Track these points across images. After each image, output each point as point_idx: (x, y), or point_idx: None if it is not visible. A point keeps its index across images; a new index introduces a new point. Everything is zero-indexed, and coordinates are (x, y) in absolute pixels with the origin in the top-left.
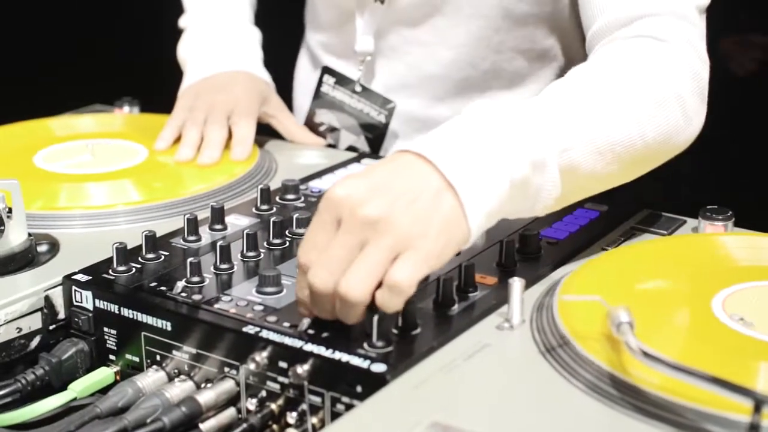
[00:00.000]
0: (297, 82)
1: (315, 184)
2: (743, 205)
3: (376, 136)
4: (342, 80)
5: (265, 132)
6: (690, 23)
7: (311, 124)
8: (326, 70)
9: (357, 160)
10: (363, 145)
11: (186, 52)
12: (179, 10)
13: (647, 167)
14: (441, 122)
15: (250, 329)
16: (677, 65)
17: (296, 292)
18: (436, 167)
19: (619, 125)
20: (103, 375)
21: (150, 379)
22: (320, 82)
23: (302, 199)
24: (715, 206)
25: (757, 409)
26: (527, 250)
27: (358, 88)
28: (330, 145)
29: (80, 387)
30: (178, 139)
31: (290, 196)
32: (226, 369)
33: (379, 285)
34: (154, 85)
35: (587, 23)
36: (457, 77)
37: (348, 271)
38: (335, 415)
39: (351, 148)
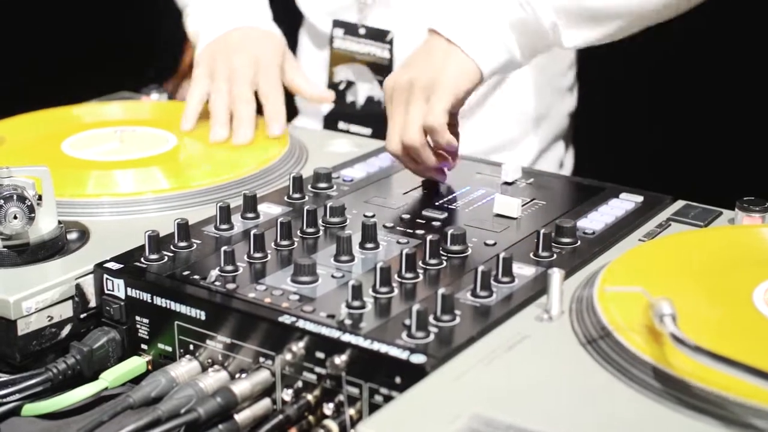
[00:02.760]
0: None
1: (347, 173)
2: None
3: (385, 77)
4: (349, 28)
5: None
6: None
7: (332, 87)
8: (336, 23)
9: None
10: (378, 92)
11: (194, 24)
12: None
13: None
14: None
15: (286, 319)
16: None
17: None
18: (438, 32)
19: None
20: (135, 364)
21: (183, 369)
22: (332, 38)
23: (334, 187)
24: (752, 197)
25: None
26: (564, 240)
27: (362, 31)
28: (344, 103)
29: (112, 376)
30: (204, 116)
31: (322, 185)
32: (261, 359)
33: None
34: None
35: None
36: None
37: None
38: (373, 407)
39: (369, 100)
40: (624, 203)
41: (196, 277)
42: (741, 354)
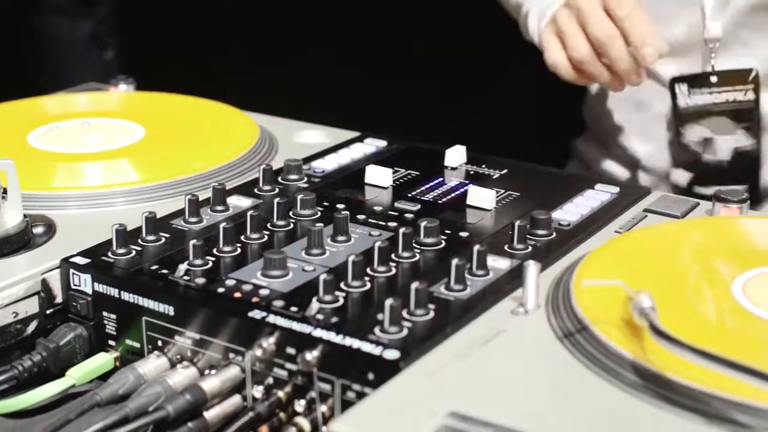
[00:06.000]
0: (599, 90)
1: (318, 165)
2: None
3: (753, 121)
4: (694, 80)
5: (264, 110)
6: None
7: (683, 147)
8: (676, 79)
9: (360, 139)
10: (745, 141)
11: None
12: None
13: None
14: None
15: (256, 314)
16: None
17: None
18: None
19: None
20: (102, 361)
21: (151, 365)
22: (673, 96)
23: (305, 179)
24: (730, 188)
25: None
26: (539, 232)
27: (714, 79)
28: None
29: (79, 373)
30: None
31: (293, 177)
32: (231, 355)
33: None
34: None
35: None
36: None
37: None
38: (346, 403)
39: (736, 151)
40: (600, 194)
41: (165, 271)
42: (721, 347)
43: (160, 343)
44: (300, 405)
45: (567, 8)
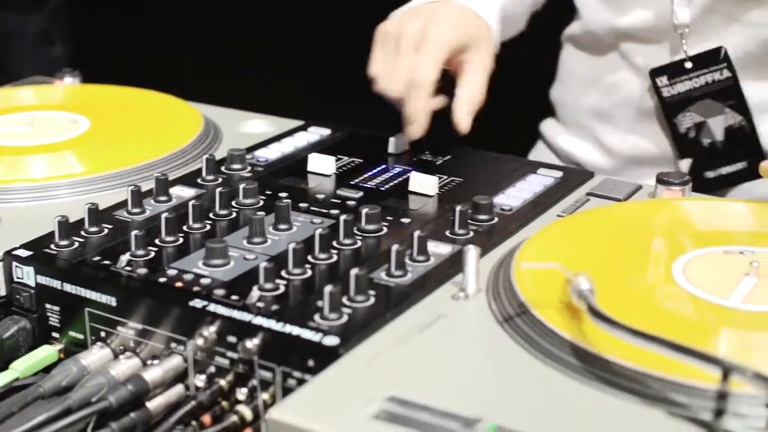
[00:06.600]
0: (567, 74)
1: (261, 153)
2: None
3: (736, 99)
4: (671, 69)
5: (209, 99)
6: None
7: (680, 138)
8: (654, 72)
9: (304, 128)
10: (735, 118)
11: None
12: None
13: None
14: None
15: (197, 303)
16: None
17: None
18: None
19: None
20: (46, 353)
21: (95, 356)
22: (657, 89)
23: (248, 168)
24: (672, 171)
25: (725, 377)
26: (481, 217)
27: (689, 65)
28: (702, 150)
29: (23, 366)
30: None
31: (236, 166)
32: (173, 345)
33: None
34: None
35: None
36: None
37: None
38: (287, 391)
39: (730, 130)
40: (542, 179)
41: (107, 262)
42: (661, 328)
43: (103, 335)
44: (242, 393)
45: (392, 28)
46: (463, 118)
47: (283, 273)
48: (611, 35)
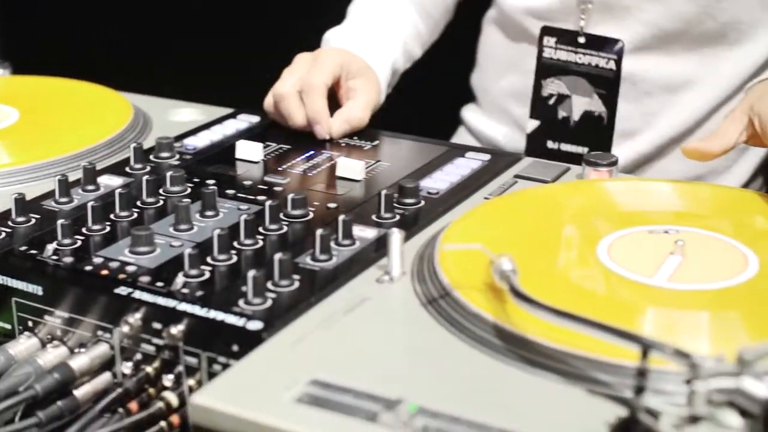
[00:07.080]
0: (486, 59)
1: (190, 142)
2: None
3: (609, 91)
4: (563, 35)
5: (141, 89)
6: None
7: (540, 101)
8: (545, 31)
9: (233, 116)
10: (598, 107)
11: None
12: None
13: None
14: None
15: (122, 290)
16: None
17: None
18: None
19: None
20: None
21: (22, 346)
22: (541, 47)
23: (177, 156)
24: (599, 152)
25: (645, 354)
26: (407, 201)
27: (582, 39)
28: (554, 120)
29: None
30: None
31: (164, 154)
32: (100, 333)
33: None
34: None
35: None
36: (696, 32)
37: None
38: (212, 376)
39: (587, 114)
40: (470, 162)
41: (34, 252)
42: (587, 309)
43: (30, 324)
44: (168, 380)
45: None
46: (337, 125)
47: (209, 259)
48: (526, 17)
